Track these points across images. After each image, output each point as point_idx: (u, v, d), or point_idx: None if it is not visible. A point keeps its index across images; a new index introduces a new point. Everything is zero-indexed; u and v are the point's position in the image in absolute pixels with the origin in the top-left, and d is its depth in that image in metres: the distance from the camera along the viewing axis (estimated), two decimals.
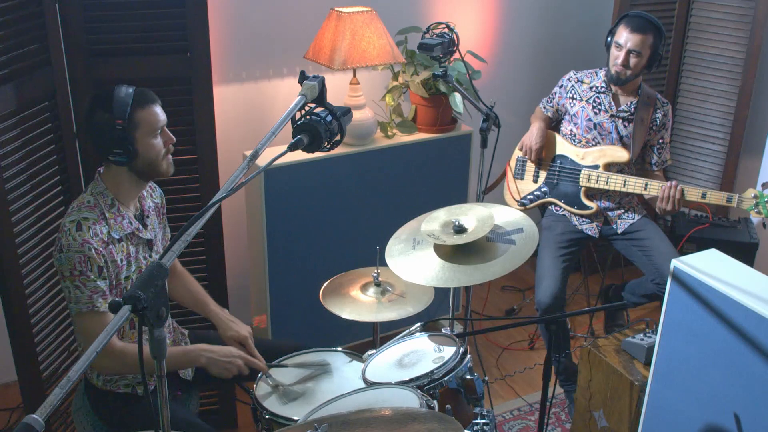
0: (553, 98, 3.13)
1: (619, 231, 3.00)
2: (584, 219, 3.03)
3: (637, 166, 3.06)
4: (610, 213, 3.02)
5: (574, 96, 3.02)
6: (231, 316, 2.28)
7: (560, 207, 3.06)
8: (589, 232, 3.02)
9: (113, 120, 1.87)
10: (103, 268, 1.90)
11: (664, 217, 3.84)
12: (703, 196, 2.77)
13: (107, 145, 1.90)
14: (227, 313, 2.30)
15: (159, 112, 1.96)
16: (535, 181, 3.13)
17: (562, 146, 3.07)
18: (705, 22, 3.54)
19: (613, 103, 2.95)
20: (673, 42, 3.62)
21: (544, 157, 3.10)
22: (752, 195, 2.71)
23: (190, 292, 2.33)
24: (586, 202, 2.99)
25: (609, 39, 2.93)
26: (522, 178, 3.17)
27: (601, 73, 3.00)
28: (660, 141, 3.02)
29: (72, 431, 2.51)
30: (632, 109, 2.93)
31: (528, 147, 3.09)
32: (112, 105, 1.87)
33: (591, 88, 2.99)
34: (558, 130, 3.14)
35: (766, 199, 2.68)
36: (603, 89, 2.97)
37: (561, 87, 3.10)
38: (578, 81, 3.03)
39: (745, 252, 3.14)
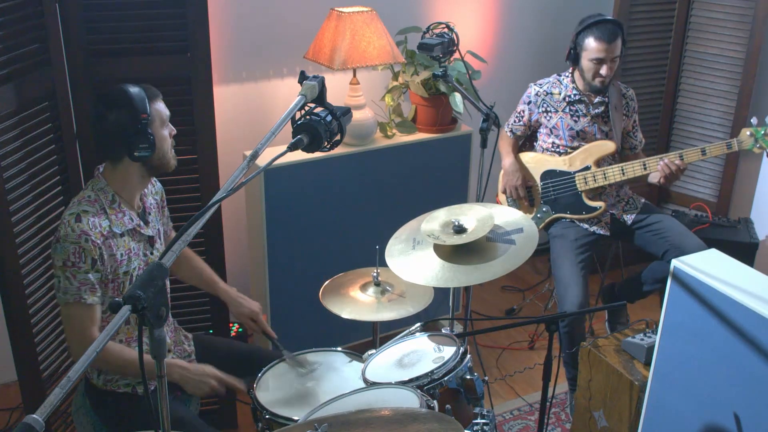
0: (523, 116, 3.10)
1: (628, 223, 3.01)
2: (593, 221, 3.03)
3: (620, 156, 3.07)
4: (613, 210, 3.03)
5: (548, 109, 3.01)
6: (240, 294, 2.34)
7: (568, 218, 3.06)
8: (601, 232, 3.02)
9: (137, 115, 1.89)
10: (97, 261, 1.91)
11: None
12: (703, 152, 2.82)
13: (133, 141, 1.91)
14: (236, 291, 2.35)
15: (164, 105, 2.01)
16: (532, 205, 3.12)
17: (545, 162, 3.05)
18: (705, 22, 3.54)
19: (589, 105, 2.96)
20: (673, 42, 3.62)
21: (531, 180, 3.09)
22: (748, 134, 2.75)
23: (197, 273, 2.35)
24: (592, 204, 2.98)
25: (574, 52, 2.89)
26: (518, 207, 3.16)
27: (566, 81, 2.99)
28: (633, 124, 3.06)
29: (72, 431, 2.51)
30: (606, 100, 2.95)
31: (511, 187, 3.08)
32: (131, 101, 1.89)
33: (564, 98, 2.98)
34: (532, 146, 3.13)
35: (762, 133, 2.70)
36: (577, 97, 2.96)
37: (529, 104, 3.07)
38: (547, 94, 3.02)
39: (745, 252, 3.14)
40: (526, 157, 3.11)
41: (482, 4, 3.61)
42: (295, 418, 1.92)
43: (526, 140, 3.21)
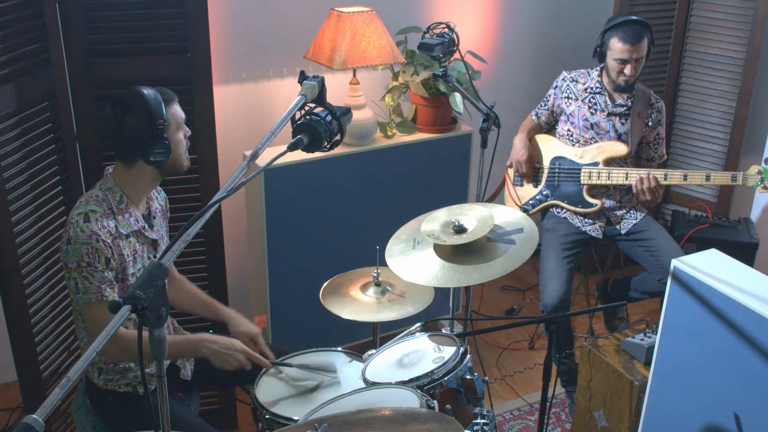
0: (548, 100, 3.13)
1: (622, 232, 3.00)
2: (587, 220, 3.02)
3: (634, 163, 3.07)
4: (613, 213, 3.02)
5: (570, 96, 3.03)
6: (240, 315, 2.32)
7: (563, 208, 3.06)
8: (593, 233, 3.02)
9: (154, 120, 1.89)
10: (110, 259, 1.91)
11: (663, 215, 3.84)
12: (708, 178, 2.82)
13: (148, 146, 1.90)
14: (235, 311, 2.34)
15: (179, 108, 2.01)
16: (536, 186, 3.13)
17: (559, 147, 3.07)
18: (705, 22, 3.54)
19: (609, 102, 2.96)
20: (673, 42, 3.62)
21: (540, 161, 3.10)
22: (756, 171, 2.75)
23: (194, 297, 2.34)
24: (590, 200, 2.99)
25: (599, 49, 2.92)
26: (522, 185, 3.17)
27: (594, 74, 3.00)
28: (656, 137, 3.04)
29: (72, 431, 2.51)
30: (629, 104, 2.95)
31: (517, 161, 3.09)
32: (148, 107, 1.89)
33: (586, 89, 3.00)
34: (554, 131, 3.15)
35: None
36: (598, 89, 2.97)
37: (556, 88, 3.10)
38: (573, 81, 3.04)
39: (745, 252, 3.14)
40: (544, 138, 3.13)
41: (482, 4, 3.61)
42: (295, 418, 1.92)
43: (550, 128, 3.21)
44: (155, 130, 1.89)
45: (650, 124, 3.00)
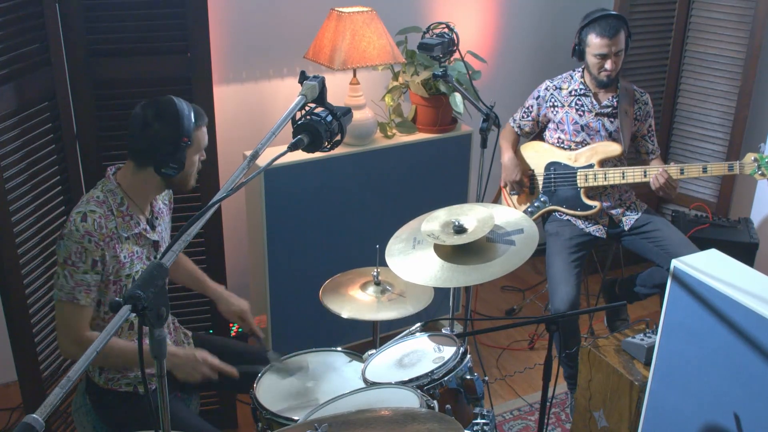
0: (531, 111, 3.11)
1: (626, 228, 3.00)
2: (590, 221, 3.02)
3: (633, 159, 3.07)
4: (613, 212, 3.02)
5: (555, 104, 3.02)
6: (229, 292, 2.35)
7: (563, 213, 3.06)
8: (597, 234, 3.02)
9: (180, 136, 1.89)
10: (98, 261, 1.91)
11: (664, 215, 3.84)
12: (704, 170, 2.83)
13: (165, 158, 1.91)
14: (224, 288, 2.36)
15: (206, 132, 2.02)
16: (533, 193, 3.13)
17: (552, 153, 3.06)
18: (705, 22, 3.54)
19: (595, 102, 2.96)
20: (673, 42, 3.62)
21: (531, 172, 3.10)
22: (752, 159, 2.75)
23: (187, 272, 2.37)
24: (588, 202, 2.99)
25: (578, 47, 2.92)
26: (518, 194, 3.17)
27: (577, 76, 3.01)
28: (648, 128, 3.05)
29: (72, 431, 2.51)
30: (615, 103, 2.95)
31: (511, 182, 3.09)
32: (179, 121, 1.89)
33: (570, 93, 3.00)
34: (542, 138, 3.14)
35: (766, 161, 2.71)
36: (582, 91, 2.97)
37: (538, 98, 3.08)
38: (556, 88, 3.03)
39: (745, 252, 3.14)
40: (535, 146, 3.12)
41: (482, 4, 3.61)
42: (295, 418, 1.92)
43: (536, 136, 3.21)
44: (178, 145, 1.90)
45: (639, 118, 3.00)
